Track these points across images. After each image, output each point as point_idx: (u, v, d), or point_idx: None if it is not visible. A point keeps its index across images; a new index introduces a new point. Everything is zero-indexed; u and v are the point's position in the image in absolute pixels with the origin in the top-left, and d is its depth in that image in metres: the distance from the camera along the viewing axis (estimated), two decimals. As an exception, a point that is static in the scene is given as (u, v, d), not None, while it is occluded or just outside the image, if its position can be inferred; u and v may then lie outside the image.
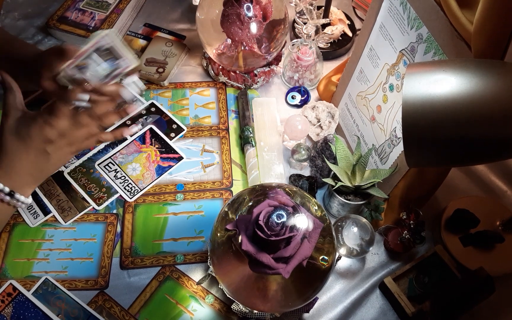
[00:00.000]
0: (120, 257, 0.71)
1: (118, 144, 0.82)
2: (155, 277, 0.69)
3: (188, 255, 0.72)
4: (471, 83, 0.42)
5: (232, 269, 0.57)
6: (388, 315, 0.68)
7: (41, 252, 0.71)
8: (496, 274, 0.66)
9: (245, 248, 0.51)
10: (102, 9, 0.99)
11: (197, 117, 0.88)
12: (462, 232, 0.72)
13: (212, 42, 0.88)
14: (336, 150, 0.72)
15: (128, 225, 0.74)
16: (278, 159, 0.81)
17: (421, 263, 0.69)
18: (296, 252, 0.52)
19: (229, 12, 0.79)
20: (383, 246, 0.74)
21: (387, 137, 0.71)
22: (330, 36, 0.94)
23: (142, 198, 0.77)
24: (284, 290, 0.56)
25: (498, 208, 0.75)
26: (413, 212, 0.69)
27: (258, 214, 0.52)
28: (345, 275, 0.71)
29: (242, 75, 0.89)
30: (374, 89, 0.74)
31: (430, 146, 0.45)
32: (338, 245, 0.68)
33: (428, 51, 0.62)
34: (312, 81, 0.93)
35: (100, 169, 0.79)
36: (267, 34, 0.87)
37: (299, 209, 0.54)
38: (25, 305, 0.65)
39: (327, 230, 0.57)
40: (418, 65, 0.46)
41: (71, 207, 0.75)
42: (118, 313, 0.66)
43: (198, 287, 0.69)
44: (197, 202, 0.77)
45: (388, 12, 0.69)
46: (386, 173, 0.69)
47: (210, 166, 0.81)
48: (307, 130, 0.80)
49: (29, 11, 1.04)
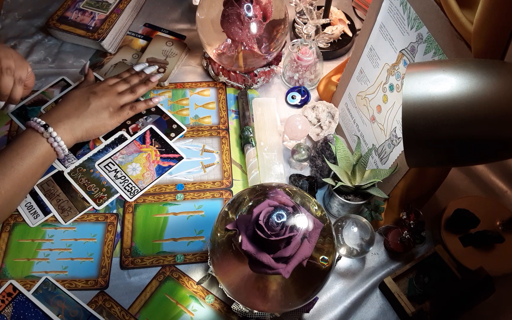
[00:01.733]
0: (120, 257, 0.71)
1: (118, 144, 0.82)
2: (155, 277, 0.69)
3: (188, 255, 0.72)
4: (471, 83, 0.42)
5: (232, 269, 0.57)
6: (388, 315, 0.68)
7: (41, 252, 0.71)
8: (496, 274, 0.66)
9: (245, 248, 0.51)
10: (102, 9, 0.99)
11: (197, 117, 0.88)
12: (462, 232, 0.72)
13: (212, 42, 0.88)
14: (336, 150, 0.72)
15: (128, 225, 0.74)
16: (278, 159, 0.81)
17: (421, 263, 0.69)
18: (296, 252, 0.52)
19: (229, 12, 0.79)
20: (383, 246, 0.74)
21: (387, 137, 0.72)
22: (330, 36, 0.94)
23: (142, 198, 0.77)
24: (284, 290, 0.56)
25: (498, 208, 0.75)
26: (413, 212, 0.69)
27: (258, 214, 0.52)
28: (345, 275, 0.71)
29: (242, 75, 0.89)
30: (374, 89, 0.74)
31: (430, 146, 0.45)
32: (338, 245, 0.68)
33: (428, 51, 0.62)
34: (312, 81, 0.93)
35: (100, 169, 0.79)
36: (267, 34, 0.87)
37: (299, 209, 0.54)
38: (25, 305, 0.65)
39: (327, 230, 0.57)
40: (418, 65, 0.46)
41: (71, 207, 0.75)
42: (118, 313, 0.66)
43: (198, 287, 0.69)
44: (197, 202, 0.77)
45: (388, 12, 0.69)
46: (386, 173, 0.69)
47: (210, 166, 0.81)
48: (307, 130, 0.80)
49: (29, 11, 1.04)
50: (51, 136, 0.71)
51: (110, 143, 0.82)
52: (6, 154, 0.68)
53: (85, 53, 0.96)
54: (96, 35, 0.94)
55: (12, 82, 0.69)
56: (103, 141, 0.82)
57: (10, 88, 0.69)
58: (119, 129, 0.84)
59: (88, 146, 0.82)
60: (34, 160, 0.69)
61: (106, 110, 0.78)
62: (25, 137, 0.70)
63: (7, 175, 0.66)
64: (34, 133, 0.70)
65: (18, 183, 0.68)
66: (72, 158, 0.80)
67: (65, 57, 0.96)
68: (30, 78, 0.74)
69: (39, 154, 0.70)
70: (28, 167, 0.69)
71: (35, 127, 0.70)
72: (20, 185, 0.68)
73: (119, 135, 0.83)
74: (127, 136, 0.84)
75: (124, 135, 0.84)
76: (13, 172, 0.67)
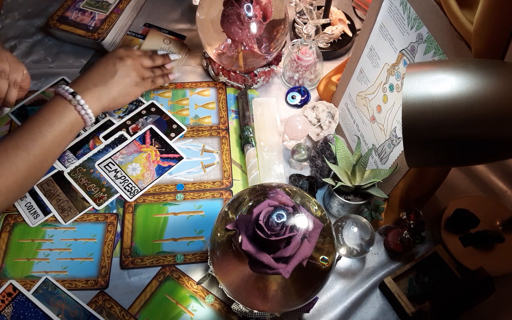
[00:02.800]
0: (120, 257, 0.71)
1: (118, 144, 0.82)
2: (155, 277, 0.69)
3: (188, 255, 0.72)
4: (471, 83, 0.42)
5: (232, 269, 0.57)
6: (388, 315, 0.68)
7: (41, 252, 0.71)
8: (496, 274, 0.66)
9: (245, 248, 0.51)
10: (102, 9, 0.99)
11: (197, 117, 0.88)
12: (462, 232, 0.72)
13: (212, 42, 0.88)
14: (336, 150, 0.72)
15: (128, 225, 0.74)
16: (278, 159, 0.81)
17: (421, 263, 0.69)
18: (296, 252, 0.52)
19: (229, 12, 0.79)
20: (383, 246, 0.74)
21: (387, 137, 0.71)
22: (330, 36, 0.94)
23: (142, 198, 0.77)
24: (284, 290, 0.56)
25: (498, 208, 0.75)
26: (413, 212, 0.69)
27: (258, 214, 0.52)
28: (345, 275, 0.71)
29: (242, 75, 0.89)
30: (374, 89, 0.74)
31: (430, 146, 0.45)
32: (338, 245, 0.68)
33: (428, 51, 0.62)
34: (312, 81, 0.93)
35: (100, 169, 0.79)
36: (267, 34, 0.87)
37: (299, 209, 0.54)
38: (25, 305, 0.65)
39: (327, 230, 0.57)
40: (418, 65, 0.46)
41: (71, 207, 0.75)
42: (118, 313, 0.66)
43: (198, 287, 0.69)
44: (197, 202, 0.77)
45: (388, 12, 0.69)
46: (386, 173, 0.69)
47: (210, 166, 0.81)
48: (307, 130, 0.80)
49: (29, 11, 1.04)
50: (78, 103, 0.71)
51: (110, 143, 0.82)
52: (35, 120, 0.69)
53: (85, 53, 0.96)
54: (96, 35, 0.94)
55: (6, 85, 0.69)
56: (103, 141, 0.82)
57: (4, 91, 0.69)
58: (119, 129, 0.84)
59: (88, 146, 0.82)
60: (62, 127, 0.70)
61: (131, 78, 0.79)
62: (53, 104, 0.71)
63: (36, 140, 0.67)
64: (62, 100, 0.71)
65: (47, 149, 0.69)
66: (72, 158, 0.80)
67: (65, 57, 0.96)
68: (26, 80, 0.74)
69: (67, 121, 0.71)
70: (57, 133, 0.70)
71: (63, 95, 0.71)
72: (48, 151, 0.69)
73: (119, 135, 0.84)
74: (127, 136, 0.84)
75: (124, 135, 0.84)
76: (41, 138, 0.68)
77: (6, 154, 0.65)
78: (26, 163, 0.66)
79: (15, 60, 0.71)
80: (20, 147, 0.66)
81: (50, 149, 0.70)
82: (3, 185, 0.65)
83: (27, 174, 0.67)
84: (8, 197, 0.68)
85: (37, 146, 0.67)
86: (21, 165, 0.66)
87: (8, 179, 0.65)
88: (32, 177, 0.70)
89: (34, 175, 0.70)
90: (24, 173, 0.67)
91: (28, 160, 0.66)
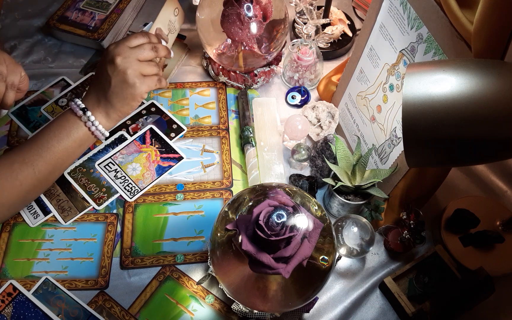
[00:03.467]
0: (120, 257, 0.71)
1: (118, 144, 0.82)
2: (155, 277, 0.69)
3: (188, 255, 0.72)
4: (471, 83, 0.42)
5: (232, 269, 0.57)
6: (388, 315, 0.68)
7: (41, 252, 0.71)
8: (496, 274, 0.66)
9: (245, 248, 0.51)
10: (102, 9, 0.99)
11: (197, 117, 0.88)
12: (462, 232, 0.72)
13: (212, 42, 0.88)
14: (336, 150, 0.72)
15: (128, 225, 0.74)
16: (278, 159, 0.81)
17: (421, 263, 0.69)
18: (296, 252, 0.52)
19: (229, 12, 0.79)
20: (383, 246, 0.74)
21: (387, 137, 0.72)
22: (330, 36, 0.94)
23: (142, 198, 0.77)
24: (284, 290, 0.56)
25: (498, 208, 0.75)
26: (413, 212, 0.69)
27: (258, 214, 0.52)
28: (345, 275, 0.71)
29: (242, 75, 0.89)
30: (374, 89, 0.74)
31: (430, 146, 0.45)
32: (338, 245, 0.68)
33: (428, 51, 0.62)
34: (312, 81, 0.93)
35: (100, 169, 0.79)
36: (267, 34, 0.87)
37: (299, 209, 0.54)
38: (25, 305, 0.65)
39: (327, 230, 0.57)
40: (418, 65, 0.46)
41: (71, 207, 0.75)
42: (118, 313, 0.66)
43: (198, 287, 0.69)
44: (197, 202, 0.77)
45: (388, 12, 0.69)
46: (386, 173, 0.69)
47: (210, 166, 0.81)
48: (307, 130, 0.80)
49: (29, 11, 1.04)
50: (89, 120, 0.70)
51: (110, 143, 0.82)
52: (44, 135, 0.68)
53: (85, 53, 0.96)
54: (96, 35, 0.94)
55: (4, 87, 0.68)
56: (103, 141, 0.82)
57: (1, 93, 0.68)
58: (119, 129, 0.84)
59: (88, 146, 0.82)
60: (70, 143, 0.70)
61: (128, 81, 0.69)
62: (64, 118, 0.70)
63: (42, 156, 0.67)
64: (72, 116, 0.70)
65: (53, 164, 0.69)
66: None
67: (65, 57, 0.96)
68: (24, 81, 0.73)
69: (76, 137, 0.70)
70: (64, 148, 0.69)
71: (74, 110, 0.70)
72: (54, 166, 0.69)
73: (119, 135, 0.84)
74: (127, 136, 0.84)
75: (124, 135, 0.84)
76: (48, 153, 0.68)
77: (11, 169, 0.65)
78: (30, 179, 0.66)
79: (13, 62, 0.70)
80: (27, 162, 0.66)
81: (57, 163, 0.69)
82: (6, 199, 0.66)
83: (31, 189, 0.68)
84: (11, 210, 0.70)
85: (43, 162, 0.67)
86: (25, 181, 0.66)
87: (11, 194, 0.66)
88: (36, 190, 0.71)
89: (38, 188, 0.71)
90: (27, 188, 0.67)
91: (33, 176, 0.66)
